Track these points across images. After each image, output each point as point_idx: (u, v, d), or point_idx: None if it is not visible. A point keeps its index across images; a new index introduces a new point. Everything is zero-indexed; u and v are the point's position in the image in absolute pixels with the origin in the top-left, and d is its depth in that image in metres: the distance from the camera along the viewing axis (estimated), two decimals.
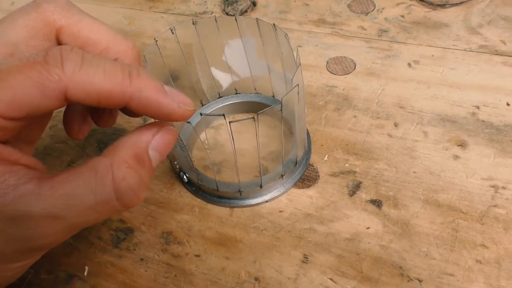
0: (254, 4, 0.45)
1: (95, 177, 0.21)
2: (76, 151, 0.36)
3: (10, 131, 0.21)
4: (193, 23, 0.32)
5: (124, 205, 0.21)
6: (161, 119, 0.22)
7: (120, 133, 0.36)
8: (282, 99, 0.26)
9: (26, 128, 0.23)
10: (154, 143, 0.22)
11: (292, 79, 0.27)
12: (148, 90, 0.21)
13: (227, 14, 0.44)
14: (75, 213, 0.21)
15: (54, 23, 0.24)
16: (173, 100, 0.22)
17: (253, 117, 0.26)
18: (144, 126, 0.23)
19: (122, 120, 0.37)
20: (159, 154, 0.23)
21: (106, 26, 0.25)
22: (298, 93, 0.27)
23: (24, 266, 0.23)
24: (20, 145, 0.24)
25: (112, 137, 0.36)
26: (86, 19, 0.24)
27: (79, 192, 0.20)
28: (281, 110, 0.26)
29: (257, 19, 0.31)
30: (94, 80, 0.20)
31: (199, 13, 0.45)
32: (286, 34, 0.29)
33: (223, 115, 0.26)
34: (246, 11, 0.44)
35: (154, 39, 0.31)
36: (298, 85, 0.27)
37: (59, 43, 0.24)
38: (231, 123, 0.26)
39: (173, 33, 0.31)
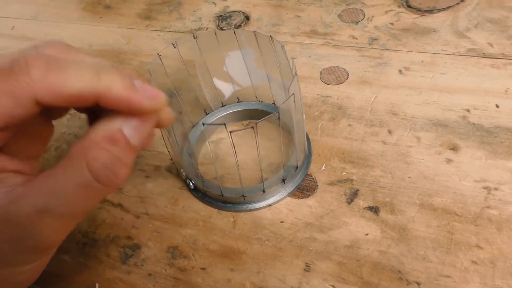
0: (247, 18, 0.46)
1: (71, 163, 0.22)
2: None
3: None
4: (194, 37, 0.33)
5: (104, 184, 0.22)
6: (133, 114, 0.23)
7: None
8: (279, 108, 0.27)
9: (25, 143, 0.24)
10: (127, 121, 0.22)
11: (288, 89, 0.28)
12: (117, 88, 0.22)
13: (222, 29, 0.45)
14: (61, 202, 0.21)
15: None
16: (143, 95, 0.22)
17: (252, 127, 0.27)
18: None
19: None
20: (135, 131, 0.23)
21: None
22: (294, 101, 0.28)
23: (33, 270, 0.24)
24: (22, 160, 0.24)
25: None
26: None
27: (61, 181, 0.21)
28: (278, 118, 0.28)
29: (254, 32, 0.32)
30: (62, 83, 0.21)
31: (195, 29, 0.46)
32: (282, 46, 0.30)
33: (224, 124, 0.27)
34: (240, 26, 0.45)
35: (158, 53, 0.32)
36: (294, 94, 0.28)
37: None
38: (232, 133, 0.27)
39: (175, 47, 0.33)
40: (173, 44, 0.32)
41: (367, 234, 0.30)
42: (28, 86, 0.20)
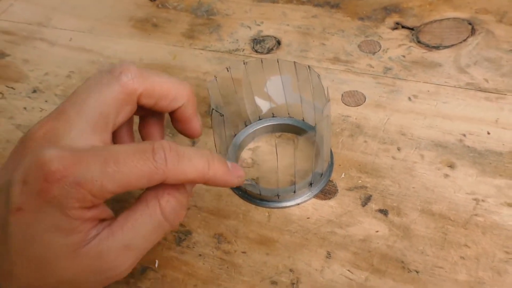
0: (279, 43, 0.53)
1: (147, 207, 0.29)
2: None
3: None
4: (244, 64, 0.40)
5: (171, 224, 0.29)
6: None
7: None
8: (316, 126, 0.34)
9: None
10: None
11: (323, 111, 0.35)
12: (220, 173, 0.30)
13: (256, 51, 0.52)
14: (141, 240, 0.28)
15: (135, 92, 0.31)
16: (233, 175, 0.31)
17: (293, 140, 0.34)
18: None
19: None
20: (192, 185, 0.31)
21: (170, 79, 0.33)
22: (327, 123, 0.36)
23: None
24: None
25: None
26: (156, 79, 0.31)
27: (140, 221, 0.28)
28: (315, 135, 0.35)
29: (295, 62, 0.39)
30: (185, 172, 0.28)
31: (233, 50, 0.53)
32: (319, 75, 0.37)
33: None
34: (272, 49, 0.52)
35: (215, 76, 0.39)
36: (328, 115, 0.35)
37: (138, 103, 0.32)
38: (276, 143, 0.34)
39: (228, 71, 0.40)
40: (227, 69, 0.39)
41: (377, 231, 0.37)
42: (163, 173, 0.27)
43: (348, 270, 0.35)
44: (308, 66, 0.38)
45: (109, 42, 0.56)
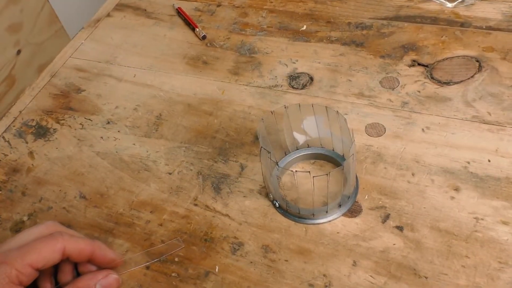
0: (311, 79, 0.62)
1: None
2: (197, 188, 0.54)
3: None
4: (285, 108, 0.49)
5: None
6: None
7: (226, 178, 0.54)
8: (343, 163, 0.43)
9: None
10: (101, 281, 0.42)
11: (349, 150, 0.44)
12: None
13: (292, 87, 0.62)
14: None
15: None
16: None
17: (327, 174, 0.43)
18: (99, 271, 0.43)
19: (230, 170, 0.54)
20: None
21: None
22: (353, 159, 0.45)
23: None
24: None
25: (221, 180, 0.54)
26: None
27: None
28: (343, 169, 0.44)
29: (326, 107, 0.48)
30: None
31: (272, 85, 0.62)
32: (345, 119, 0.46)
33: (309, 172, 0.44)
34: (306, 85, 0.61)
35: (261, 118, 0.49)
36: (353, 154, 0.44)
37: None
38: (314, 177, 0.43)
39: (272, 114, 0.49)
40: (271, 112, 0.49)
41: (394, 244, 0.46)
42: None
43: (370, 276, 0.44)
44: (337, 111, 0.47)
45: (167, 77, 0.67)
